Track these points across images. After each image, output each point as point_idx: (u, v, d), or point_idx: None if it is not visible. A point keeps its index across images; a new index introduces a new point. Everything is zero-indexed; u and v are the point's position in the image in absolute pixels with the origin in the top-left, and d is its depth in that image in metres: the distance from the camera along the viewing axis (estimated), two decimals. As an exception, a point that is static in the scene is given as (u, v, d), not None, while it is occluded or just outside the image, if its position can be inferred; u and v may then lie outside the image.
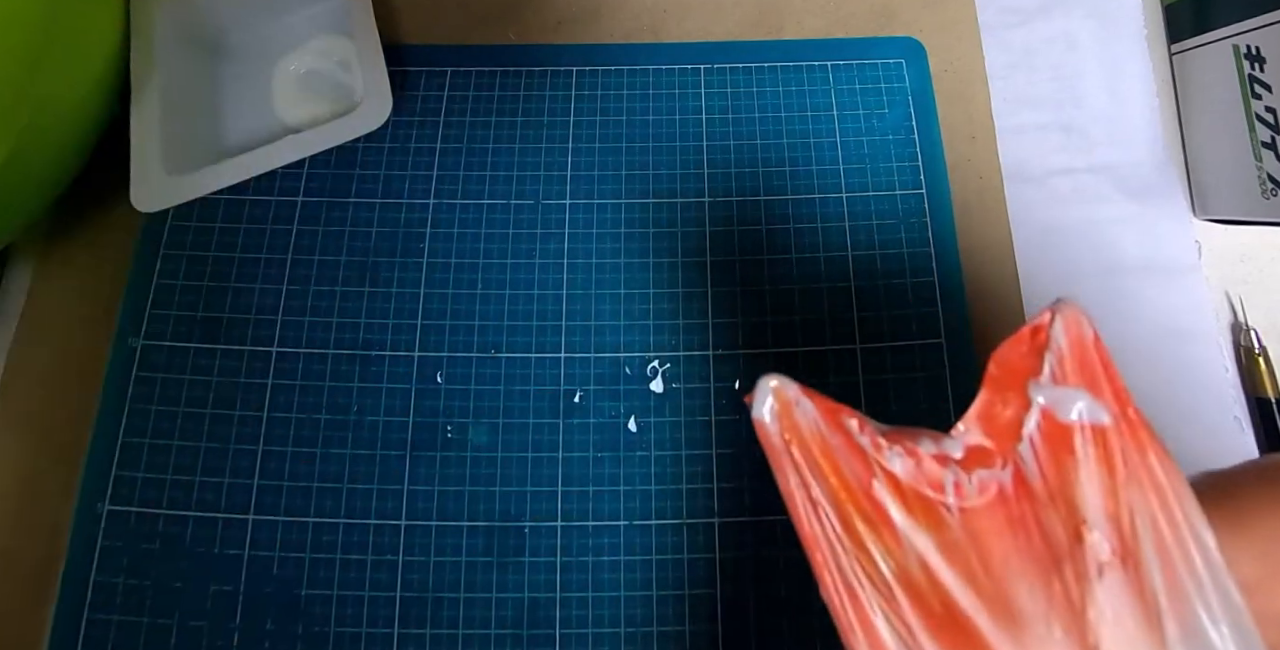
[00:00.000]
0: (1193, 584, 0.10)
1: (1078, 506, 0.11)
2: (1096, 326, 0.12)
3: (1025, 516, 0.11)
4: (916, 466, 0.11)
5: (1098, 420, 0.11)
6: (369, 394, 0.27)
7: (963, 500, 0.11)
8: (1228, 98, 0.28)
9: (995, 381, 0.12)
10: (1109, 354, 0.11)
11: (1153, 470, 0.11)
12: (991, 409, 0.12)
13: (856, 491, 0.11)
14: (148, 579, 0.25)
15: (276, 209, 0.29)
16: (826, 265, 0.28)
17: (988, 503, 0.11)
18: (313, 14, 0.31)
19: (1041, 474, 0.11)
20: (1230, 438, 0.27)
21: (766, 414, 0.12)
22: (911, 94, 0.30)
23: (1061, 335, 0.12)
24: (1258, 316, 0.28)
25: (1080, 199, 0.29)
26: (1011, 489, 0.11)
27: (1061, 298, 0.12)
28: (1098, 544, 0.11)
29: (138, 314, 0.27)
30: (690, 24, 0.31)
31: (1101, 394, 0.11)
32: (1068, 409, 0.11)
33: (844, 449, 0.11)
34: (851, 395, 0.27)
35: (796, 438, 0.11)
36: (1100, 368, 0.11)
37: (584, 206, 0.29)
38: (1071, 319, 0.12)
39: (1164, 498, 0.11)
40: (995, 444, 0.12)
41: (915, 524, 0.11)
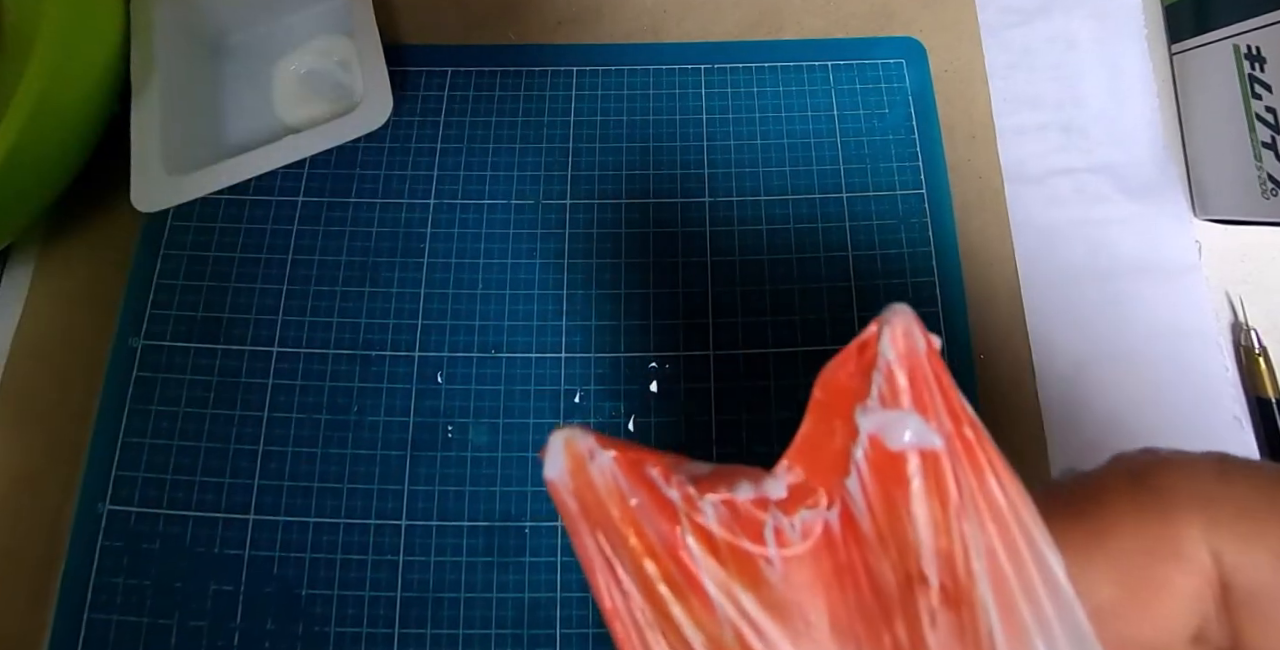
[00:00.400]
0: (1035, 621, 0.09)
1: (909, 546, 0.10)
2: (930, 336, 0.10)
3: (853, 562, 0.10)
4: (733, 516, 0.10)
5: (929, 445, 0.10)
6: (369, 394, 0.27)
7: (785, 549, 0.10)
8: (1228, 98, 0.28)
9: (821, 408, 0.11)
10: (944, 366, 0.10)
11: (992, 495, 0.10)
12: (817, 440, 0.10)
13: (661, 555, 0.10)
14: (148, 579, 0.25)
15: (277, 209, 0.29)
16: (826, 265, 0.28)
17: (812, 549, 0.10)
18: (313, 14, 0.31)
19: (870, 512, 0.10)
20: (1230, 438, 0.27)
21: (555, 472, 0.10)
22: (911, 94, 0.30)
23: (890, 350, 0.10)
24: (1258, 316, 0.28)
25: (1080, 199, 0.29)
26: (839, 531, 0.10)
27: (892, 305, 0.10)
28: (929, 588, 0.09)
29: (138, 314, 0.27)
30: (690, 24, 0.31)
31: (934, 413, 0.10)
32: (897, 435, 0.10)
33: (648, 506, 0.10)
34: (852, 395, 0.27)
35: (592, 497, 0.10)
36: (934, 383, 0.10)
37: (584, 206, 0.29)
38: (901, 330, 0.10)
39: (1004, 526, 0.09)
40: (822, 480, 0.10)
41: (731, 585, 0.10)
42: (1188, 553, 0.09)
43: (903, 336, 0.10)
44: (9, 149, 0.22)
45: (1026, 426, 0.27)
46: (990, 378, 0.27)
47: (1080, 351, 0.28)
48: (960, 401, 0.10)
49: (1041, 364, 0.27)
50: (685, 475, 0.10)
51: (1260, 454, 0.27)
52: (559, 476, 0.10)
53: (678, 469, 0.10)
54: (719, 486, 0.10)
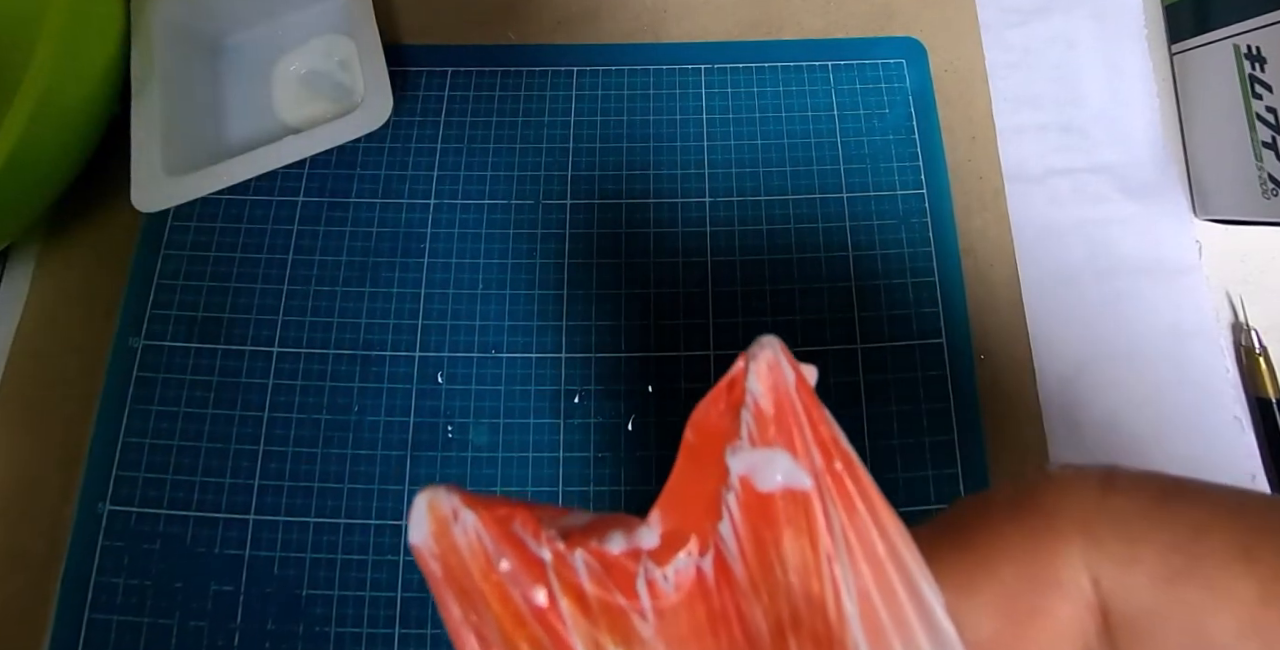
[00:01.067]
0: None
1: (780, 591, 0.09)
2: (799, 367, 0.10)
3: (727, 609, 0.09)
4: (605, 570, 0.10)
5: (798, 485, 0.09)
6: (369, 394, 0.27)
7: (658, 600, 0.10)
8: (1228, 98, 0.28)
9: (693, 451, 0.10)
10: (814, 397, 0.10)
11: (865, 533, 0.09)
12: (690, 485, 0.10)
13: (527, 619, 0.09)
14: (148, 579, 0.25)
15: (277, 209, 0.29)
16: (827, 265, 0.28)
17: (685, 598, 0.10)
18: (313, 14, 0.31)
19: (743, 557, 0.09)
20: (1230, 438, 0.27)
21: (419, 537, 0.10)
22: (911, 94, 0.30)
23: (756, 385, 0.10)
24: (1258, 316, 0.28)
25: (1080, 199, 0.29)
26: (713, 578, 0.10)
27: (760, 338, 0.10)
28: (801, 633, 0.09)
29: (138, 314, 0.27)
30: (690, 24, 0.31)
31: (803, 450, 0.09)
32: (767, 475, 0.09)
33: (515, 566, 0.10)
34: (852, 395, 0.27)
35: (455, 560, 0.10)
36: (803, 417, 0.10)
37: (584, 206, 0.29)
38: (766, 364, 0.10)
39: (877, 565, 0.09)
40: (695, 526, 0.10)
41: (601, 642, 0.09)
42: (1067, 579, 0.09)
43: (768, 370, 0.10)
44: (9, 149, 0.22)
45: (1026, 426, 0.27)
46: (990, 378, 0.27)
47: (1080, 351, 0.28)
48: (832, 434, 0.10)
49: (1041, 364, 0.27)
50: (557, 530, 0.10)
51: (1261, 454, 0.27)
52: (423, 541, 0.10)
53: (550, 524, 0.10)
54: (590, 540, 0.10)
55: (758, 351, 0.10)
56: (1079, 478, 0.10)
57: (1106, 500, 0.09)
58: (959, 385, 0.27)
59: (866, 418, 0.26)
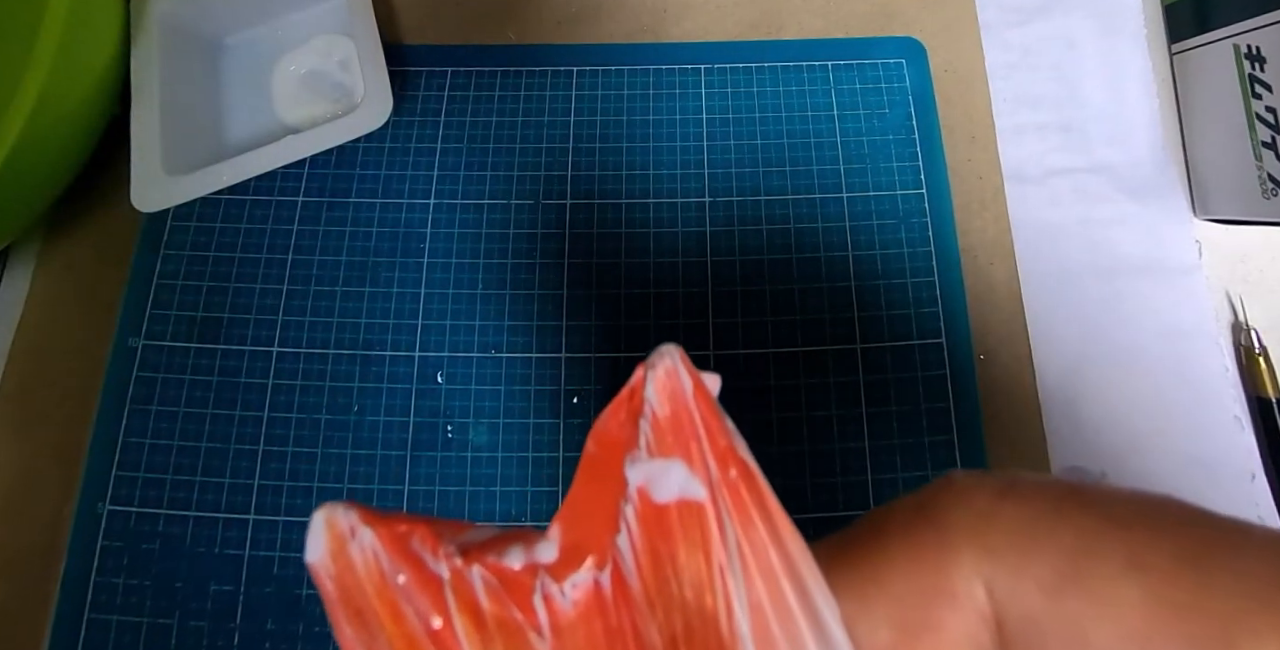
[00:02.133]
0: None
1: (674, 606, 0.09)
2: (698, 375, 0.10)
3: (623, 626, 0.09)
4: (502, 586, 0.10)
5: (692, 496, 0.09)
6: (369, 394, 0.27)
7: (555, 616, 0.09)
8: (1228, 98, 0.28)
9: (594, 462, 0.10)
10: (713, 405, 0.10)
11: (760, 545, 0.09)
12: (590, 497, 0.10)
13: (420, 639, 0.09)
14: (148, 579, 0.25)
15: (277, 209, 0.29)
16: (826, 265, 0.28)
17: (582, 614, 0.09)
18: (313, 14, 0.31)
19: (639, 571, 0.09)
20: (1230, 438, 0.27)
21: (316, 555, 0.10)
22: (911, 94, 0.30)
23: (655, 395, 0.10)
24: (1258, 316, 0.28)
25: (1080, 199, 0.29)
26: (610, 593, 0.09)
27: (660, 347, 0.10)
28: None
29: (138, 314, 0.27)
30: (690, 24, 0.31)
31: (699, 459, 0.09)
32: (664, 486, 0.09)
33: (412, 584, 0.09)
34: (851, 395, 0.27)
35: (351, 579, 0.10)
36: (700, 426, 0.09)
37: (584, 206, 0.29)
38: (664, 372, 0.10)
39: (772, 578, 0.09)
40: (595, 540, 0.10)
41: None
42: (960, 589, 0.09)
43: (666, 378, 0.10)
44: (9, 149, 0.22)
45: (1026, 426, 0.27)
46: (990, 377, 0.27)
47: (1080, 351, 0.28)
48: (729, 441, 0.09)
49: (1042, 364, 0.27)
50: (456, 546, 0.10)
51: (1260, 454, 0.27)
52: (319, 559, 0.10)
53: (450, 540, 0.10)
54: (489, 555, 0.10)
55: (656, 360, 0.10)
56: (977, 486, 0.10)
57: (1001, 508, 0.09)
58: (959, 385, 0.27)
59: (866, 418, 0.26)
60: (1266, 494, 0.26)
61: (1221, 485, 0.26)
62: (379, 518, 0.10)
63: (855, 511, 0.25)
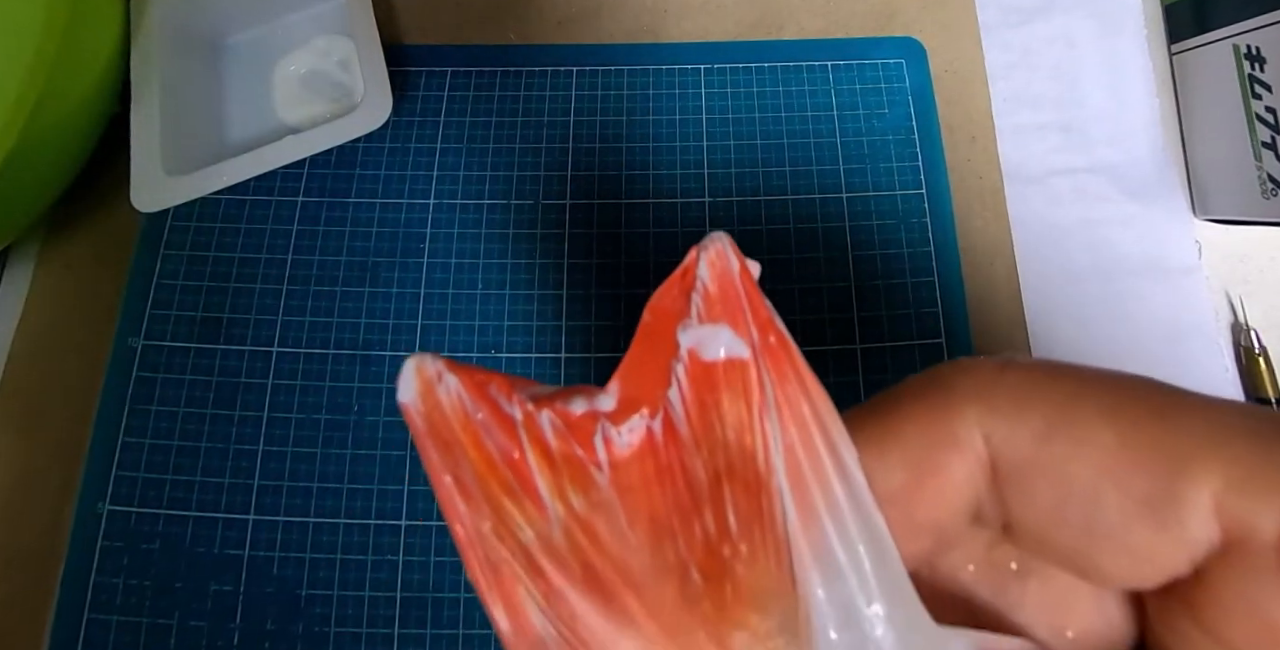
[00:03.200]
0: (825, 505, 0.10)
1: (719, 445, 0.11)
2: (744, 259, 0.11)
3: (672, 464, 0.11)
4: (567, 427, 0.11)
5: (737, 355, 0.11)
6: (369, 394, 0.27)
7: (613, 454, 0.11)
8: (1228, 98, 0.28)
9: (649, 330, 0.11)
10: (754, 283, 0.11)
11: (794, 397, 0.11)
12: (645, 359, 0.11)
13: (499, 464, 0.11)
14: (148, 579, 0.25)
15: (276, 209, 0.29)
16: (826, 265, 0.28)
17: (636, 453, 0.11)
18: (313, 14, 0.31)
19: (688, 418, 0.11)
20: (1230, 438, 0.27)
21: (408, 396, 0.11)
22: (911, 94, 0.30)
23: (706, 272, 0.11)
24: (1258, 316, 0.28)
25: (1080, 199, 0.29)
26: (661, 436, 0.11)
27: (712, 233, 0.11)
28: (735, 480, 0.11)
29: (138, 314, 0.27)
30: (690, 24, 0.31)
31: (744, 326, 0.11)
32: (712, 347, 0.11)
33: (490, 422, 0.11)
34: (851, 395, 0.27)
35: (439, 416, 0.11)
36: (744, 300, 0.11)
37: (584, 206, 0.29)
38: (715, 254, 0.11)
39: (802, 424, 0.11)
40: (648, 394, 0.11)
41: (563, 488, 0.11)
42: (962, 438, 0.10)
43: (717, 258, 0.11)
44: (9, 149, 0.22)
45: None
46: (990, 378, 0.27)
47: (1080, 351, 0.27)
48: (768, 314, 0.11)
49: (1041, 364, 0.27)
50: (526, 395, 0.11)
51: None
52: (410, 400, 0.11)
53: (520, 389, 0.11)
54: (556, 402, 0.11)
55: (708, 243, 0.11)
56: (982, 360, 0.11)
57: (1003, 375, 0.11)
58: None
59: (866, 418, 0.26)
60: (1266, 494, 0.26)
61: (1221, 485, 0.26)
62: (462, 367, 0.11)
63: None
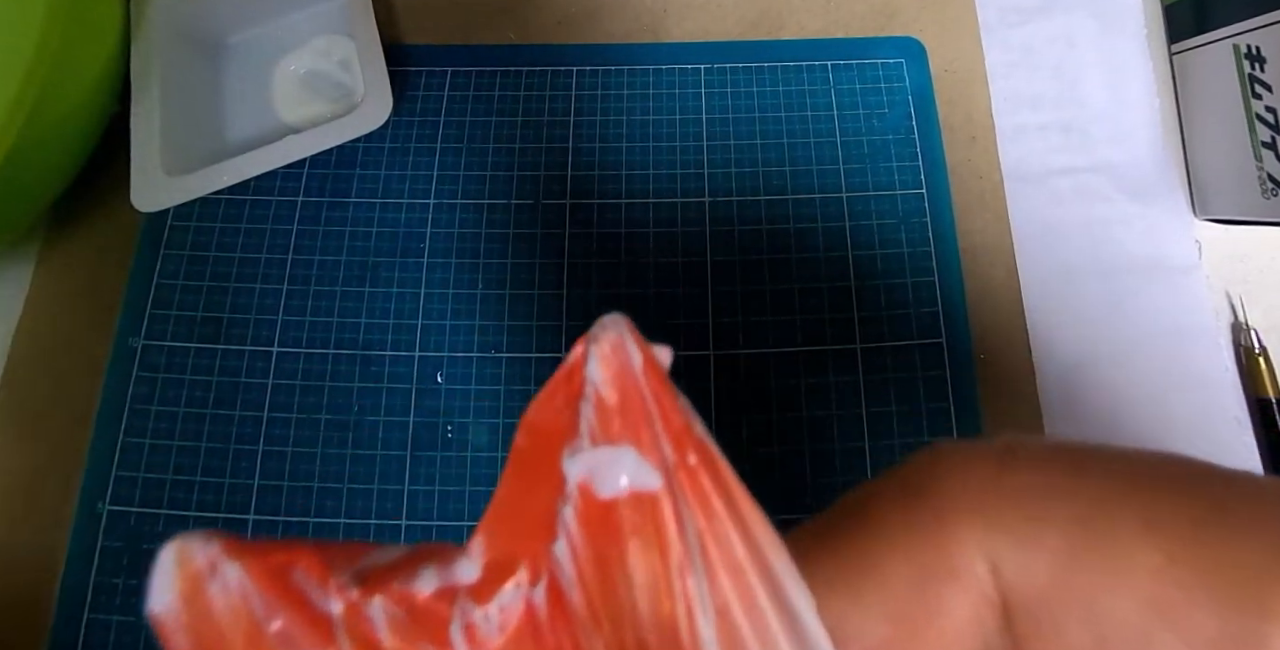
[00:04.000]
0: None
1: (625, 617, 0.08)
2: (649, 348, 0.08)
3: (562, 647, 0.08)
4: (411, 618, 0.08)
5: (645, 486, 0.08)
6: (369, 394, 0.27)
7: (478, 647, 0.08)
8: (1228, 98, 0.28)
9: (524, 458, 0.09)
10: (666, 382, 0.08)
11: (724, 538, 0.08)
12: (520, 499, 0.09)
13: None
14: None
15: (276, 209, 0.29)
16: (826, 265, 0.28)
17: (511, 640, 0.08)
18: (313, 14, 0.31)
19: (581, 582, 0.08)
20: (1230, 438, 0.27)
21: (160, 601, 0.08)
22: (911, 94, 0.30)
23: (599, 373, 0.08)
24: (1258, 316, 0.28)
25: (1080, 199, 0.29)
26: (545, 612, 0.08)
27: (602, 317, 0.09)
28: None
29: (138, 314, 0.27)
30: (690, 24, 0.31)
31: (653, 444, 0.08)
32: (611, 478, 0.08)
33: (294, 627, 0.08)
34: (851, 395, 0.27)
35: (210, 630, 0.08)
36: (652, 405, 0.08)
37: (584, 206, 0.29)
38: (610, 347, 0.08)
39: (739, 573, 0.08)
40: (526, 550, 0.08)
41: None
42: (962, 570, 0.08)
43: (612, 353, 0.08)
44: (9, 149, 0.22)
45: (1027, 426, 0.27)
46: (990, 378, 0.27)
47: (1080, 351, 0.27)
48: (686, 421, 0.08)
49: (1042, 364, 0.27)
50: (353, 574, 0.08)
51: (1260, 454, 0.27)
52: (166, 608, 0.08)
53: (345, 567, 0.08)
54: (395, 581, 0.08)
55: (599, 333, 0.08)
56: (975, 455, 0.09)
57: (1004, 477, 0.08)
58: (959, 385, 0.27)
59: (866, 418, 0.26)
60: (1266, 494, 0.26)
61: (1221, 485, 0.26)
62: (250, 548, 0.08)
63: (855, 511, 0.25)
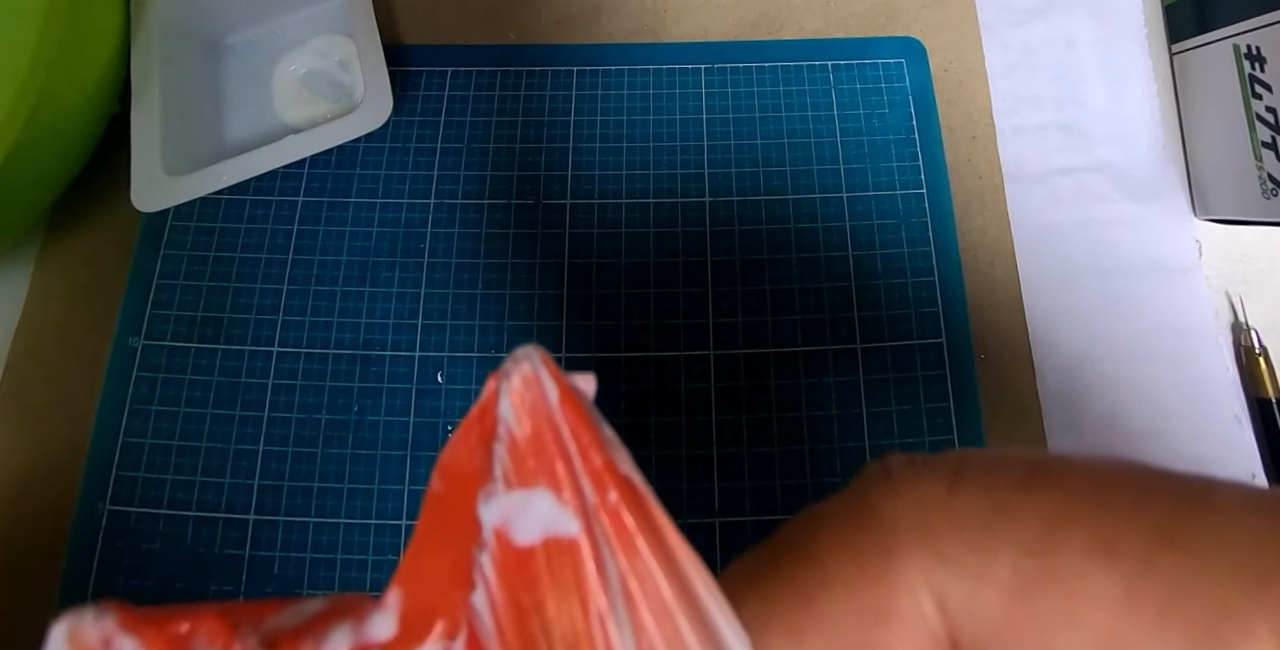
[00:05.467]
0: None
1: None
2: (567, 379, 0.08)
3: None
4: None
5: (562, 532, 0.07)
6: (369, 394, 0.27)
7: None
8: (1228, 98, 0.28)
9: (440, 505, 0.08)
10: (585, 416, 0.08)
11: (648, 578, 0.07)
12: (437, 547, 0.08)
13: None
14: (148, 579, 0.25)
15: (277, 209, 0.29)
16: (826, 265, 0.28)
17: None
18: (313, 14, 0.31)
19: (500, 634, 0.08)
20: (1230, 438, 0.27)
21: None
22: (911, 94, 0.30)
23: (510, 411, 0.08)
24: (1258, 316, 0.28)
25: (1080, 199, 0.29)
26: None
27: (515, 350, 0.08)
28: None
29: (138, 314, 0.27)
30: (690, 24, 0.31)
31: (568, 484, 0.08)
32: (526, 524, 0.08)
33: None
34: (851, 395, 0.27)
35: None
36: (570, 441, 0.08)
37: (584, 206, 0.29)
38: (522, 382, 0.08)
39: (664, 616, 0.07)
40: (444, 601, 0.08)
41: None
42: (907, 610, 0.08)
43: (524, 388, 0.08)
44: (9, 149, 0.22)
45: (1027, 426, 0.27)
46: (990, 377, 0.27)
47: (1080, 351, 0.28)
48: (609, 459, 0.08)
49: (1042, 363, 0.27)
50: (261, 636, 0.08)
51: (1260, 454, 0.27)
52: None
53: (252, 630, 0.08)
54: (304, 641, 0.08)
55: (511, 367, 0.08)
56: (919, 476, 0.08)
57: (952, 501, 0.08)
58: (959, 385, 0.27)
59: (866, 418, 0.26)
60: (1266, 494, 0.26)
61: (1221, 485, 0.26)
62: (150, 618, 0.08)
63: (855, 511, 0.25)
